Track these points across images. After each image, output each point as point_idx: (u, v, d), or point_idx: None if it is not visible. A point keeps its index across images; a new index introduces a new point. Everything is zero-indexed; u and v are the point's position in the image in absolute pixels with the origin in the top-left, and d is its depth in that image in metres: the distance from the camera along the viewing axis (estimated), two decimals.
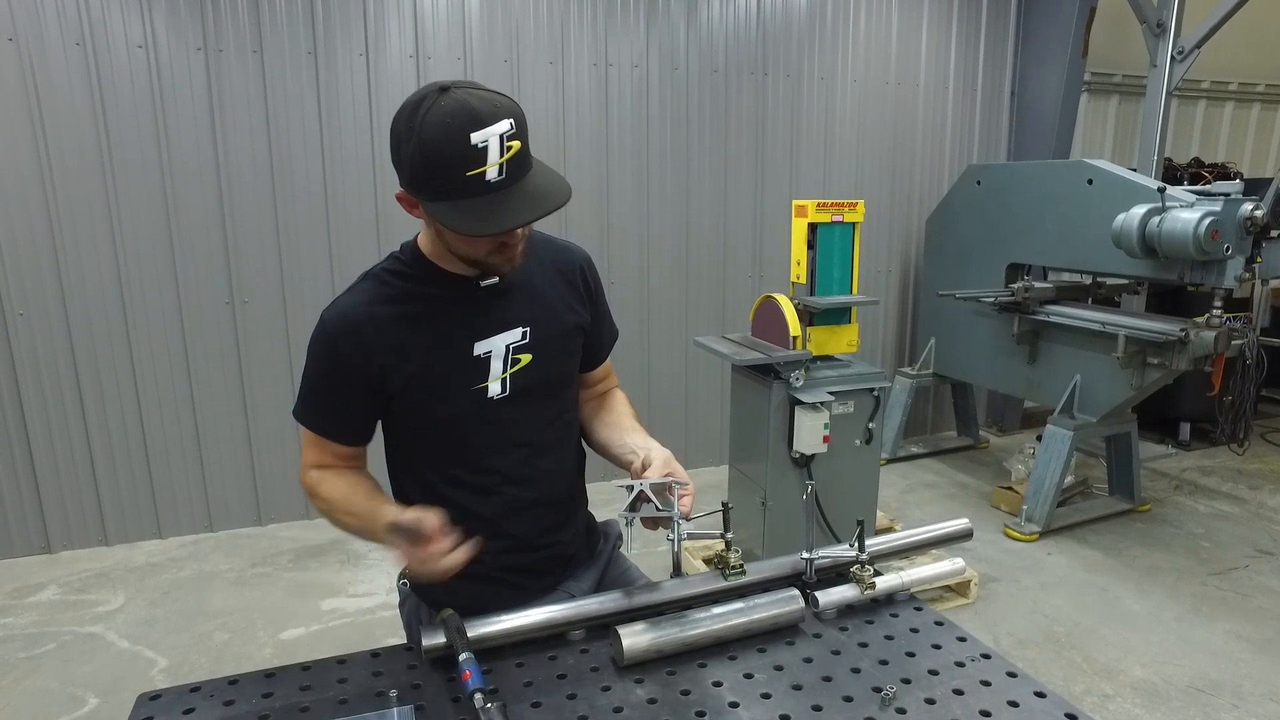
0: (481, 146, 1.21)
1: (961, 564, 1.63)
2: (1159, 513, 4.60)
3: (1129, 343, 3.86)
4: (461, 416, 1.48)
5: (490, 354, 1.47)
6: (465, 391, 1.46)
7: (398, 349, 1.42)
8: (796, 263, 3.43)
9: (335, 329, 1.42)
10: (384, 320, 1.41)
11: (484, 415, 1.49)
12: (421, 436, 1.51)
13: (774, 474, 3.30)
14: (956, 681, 1.31)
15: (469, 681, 1.22)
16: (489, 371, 1.48)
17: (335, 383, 1.45)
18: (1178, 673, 3.11)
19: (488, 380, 1.48)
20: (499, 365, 1.48)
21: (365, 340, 1.41)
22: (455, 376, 1.45)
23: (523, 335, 1.50)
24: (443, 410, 1.46)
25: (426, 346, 1.43)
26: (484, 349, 1.47)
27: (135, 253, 4.01)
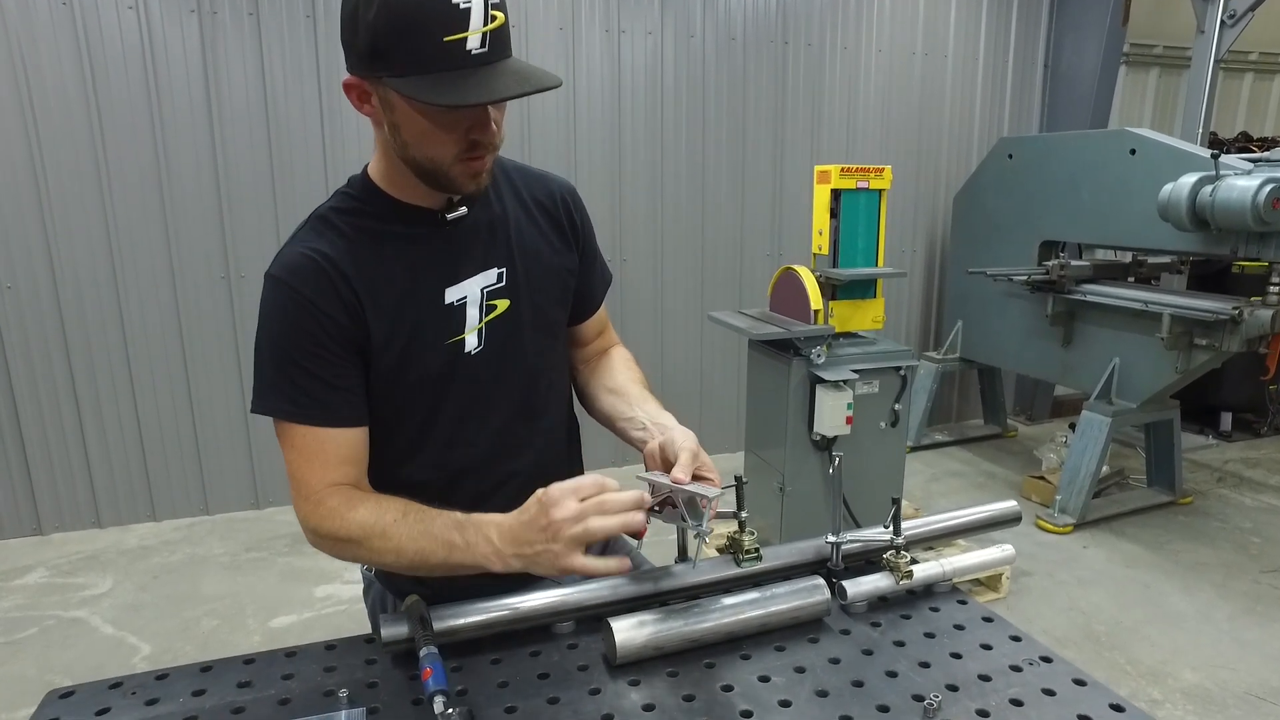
0: (464, 8, 1.01)
1: (1011, 550, 1.42)
2: (1202, 506, 4.33)
3: (1174, 323, 3.60)
4: (436, 377, 1.26)
5: (465, 301, 1.27)
6: (439, 347, 1.25)
7: (365, 297, 1.20)
8: (818, 232, 3.21)
9: (294, 280, 1.18)
10: (341, 265, 1.19)
11: (461, 374, 1.28)
12: (387, 405, 1.27)
13: (793, 458, 3.08)
14: (1013, 690, 1.09)
15: (429, 681, 1.02)
16: (465, 321, 1.27)
17: (312, 347, 1.17)
18: (1233, 678, 2.87)
19: (464, 332, 1.27)
20: (475, 313, 1.28)
21: (329, 287, 1.18)
22: (428, 329, 1.24)
23: (499, 277, 1.29)
24: (415, 371, 1.25)
25: (392, 295, 1.21)
26: (457, 295, 1.26)
27: (127, 224, 3.85)
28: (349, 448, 1.23)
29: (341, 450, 1.22)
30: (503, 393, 1.32)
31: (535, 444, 1.38)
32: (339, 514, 1.18)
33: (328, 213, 1.24)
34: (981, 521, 1.47)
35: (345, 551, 1.23)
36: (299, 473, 1.21)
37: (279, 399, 1.19)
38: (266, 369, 1.20)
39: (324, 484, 1.21)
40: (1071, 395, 5.88)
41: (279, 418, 1.20)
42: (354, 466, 1.24)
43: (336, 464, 1.21)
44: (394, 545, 1.15)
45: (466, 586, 1.32)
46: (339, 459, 1.22)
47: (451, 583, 1.34)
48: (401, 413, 1.27)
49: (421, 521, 1.15)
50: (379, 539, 1.16)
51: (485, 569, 1.13)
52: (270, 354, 1.19)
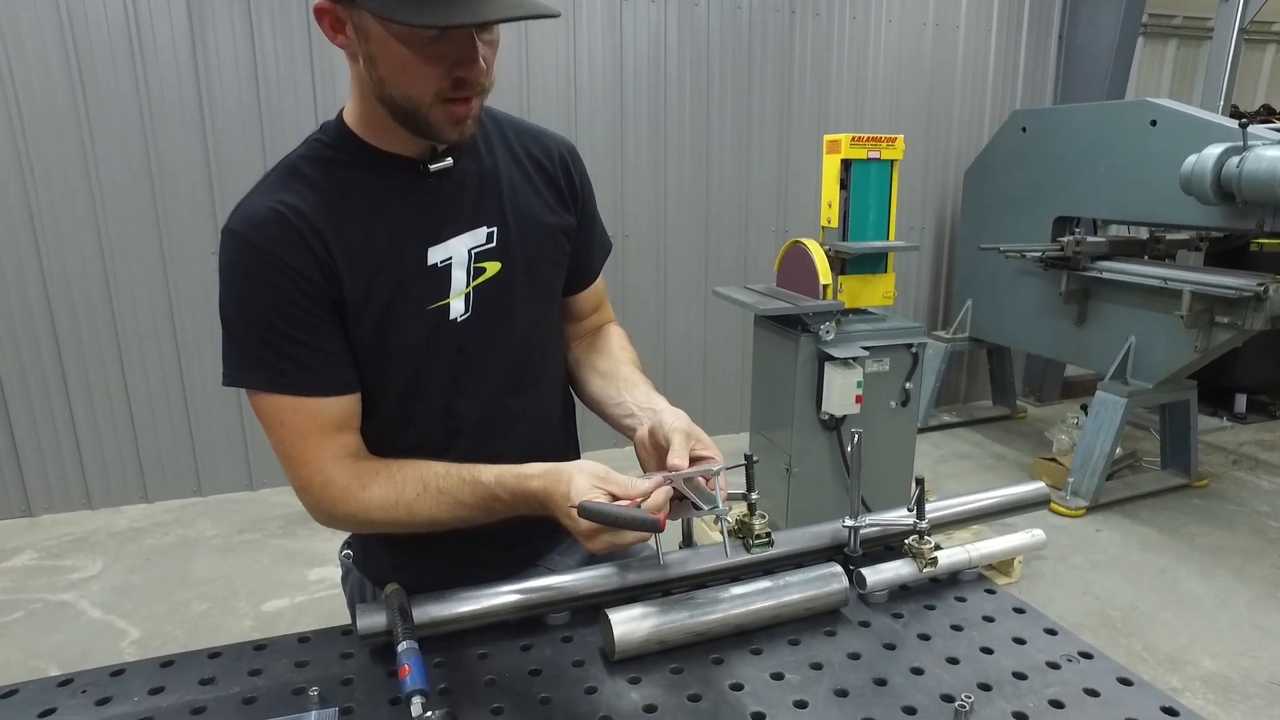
0: None
1: (1042, 535, 1.31)
2: (1217, 489, 4.23)
3: (1195, 300, 3.48)
4: (419, 346, 1.15)
5: (450, 262, 1.15)
6: (422, 312, 1.14)
7: (338, 254, 1.08)
8: (827, 204, 3.08)
9: (258, 236, 1.04)
10: (311, 219, 1.06)
11: (446, 343, 1.16)
12: (363, 377, 1.15)
13: (800, 438, 2.98)
14: (1052, 689, 0.99)
15: (406, 680, 0.92)
16: (450, 285, 1.16)
17: (290, 309, 1.04)
18: (1254, 666, 2.78)
19: (449, 297, 1.16)
20: (461, 276, 1.16)
21: (299, 242, 1.06)
22: (409, 293, 1.12)
23: (488, 237, 1.18)
24: (394, 339, 1.13)
25: (369, 253, 1.09)
26: (441, 256, 1.14)
27: (113, 193, 3.73)
28: (345, 415, 1.12)
29: (338, 419, 1.11)
30: (493, 364, 1.21)
31: (528, 420, 1.27)
32: (353, 495, 1.08)
33: (297, 161, 1.11)
34: (1008, 504, 1.36)
35: (367, 529, 1.16)
36: (296, 451, 1.09)
37: (260, 370, 1.07)
38: (240, 337, 1.07)
39: (328, 460, 1.09)
40: (1082, 376, 5.77)
41: (262, 390, 1.07)
42: (353, 434, 1.14)
43: (335, 435, 1.10)
44: (425, 519, 1.08)
45: (453, 574, 1.22)
46: (336, 428, 1.10)
47: (436, 570, 1.24)
48: (380, 386, 1.16)
49: (446, 493, 1.07)
50: (406, 517, 1.08)
51: None
52: (242, 320, 1.07)
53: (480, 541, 1.24)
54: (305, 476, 1.09)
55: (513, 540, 1.28)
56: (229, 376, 1.09)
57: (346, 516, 1.10)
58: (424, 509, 1.07)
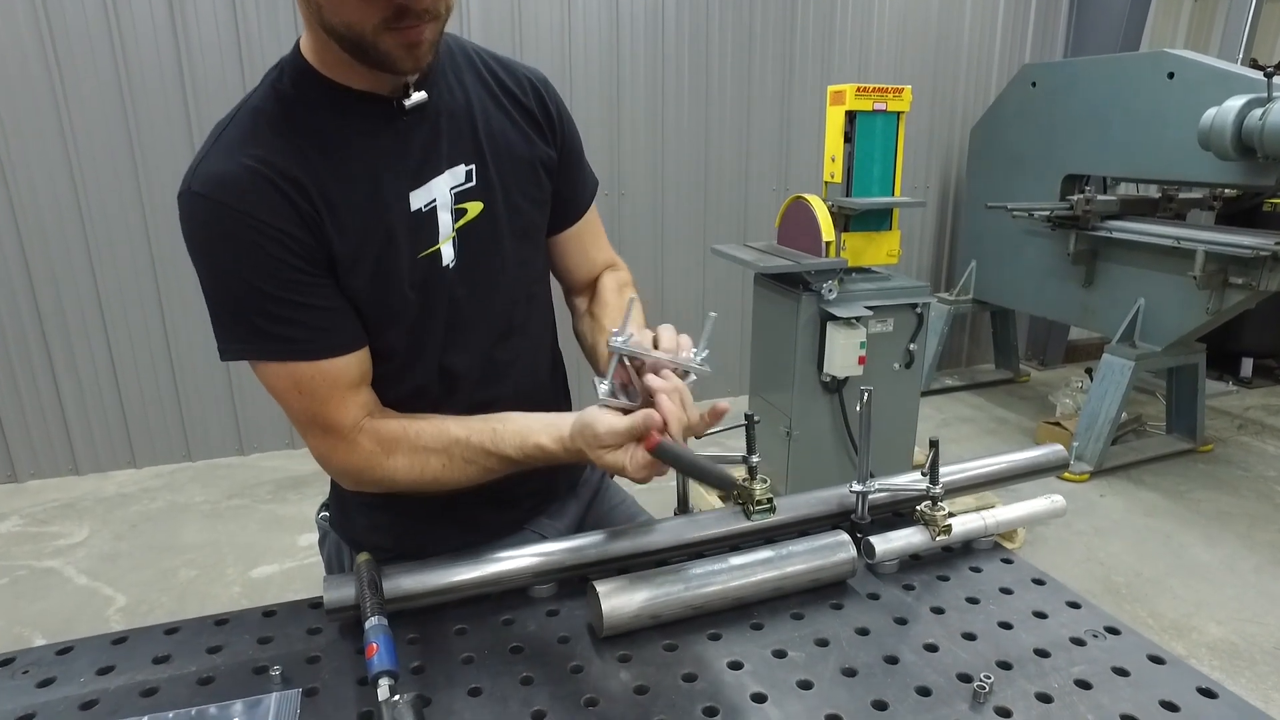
0: None
1: (1062, 502, 1.23)
2: (1222, 453, 4.17)
3: (1209, 260, 3.37)
4: (414, 299, 1.05)
5: (434, 205, 1.05)
6: (415, 262, 1.04)
7: (324, 210, 0.97)
8: (830, 158, 2.96)
9: (236, 199, 0.93)
10: (289, 171, 0.95)
11: (439, 293, 1.07)
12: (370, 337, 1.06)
13: (801, 401, 2.89)
14: (1078, 668, 0.91)
15: (373, 660, 0.84)
16: (438, 230, 1.06)
17: (287, 275, 0.95)
18: (1260, 632, 2.73)
19: (439, 242, 1.06)
20: (447, 219, 1.06)
21: (282, 202, 0.95)
22: (399, 242, 1.02)
23: (467, 175, 1.07)
24: (392, 295, 1.03)
25: (353, 204, 0.99)
26: (424, 199, 1.04)
27: (88, 148, 3.58)
28: (362, 371, 1.05)
29: (355, 376, 1.04)
30: (483, 311, 1.12)
31: (517, 367, 1.18)
32: (378, 464, 1.04)
33: (260, 106, 0.99)
34: (1027, 467, 1.28)
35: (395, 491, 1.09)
36: (320, 418, 1.02)
37: (264, 340, 0.97)
38: (234, 311, 0.97)
39: (350, 425, 1.03)
40: (1086, 339, 5.68)
41: (273, 359, 0.98)
42: (369, 389, 1.07)
43: (354, 394, 1.04)
44: (451, 483, 1.06)
45: (436, 537, 1.14)
46: (354, 386, 1.04)
47: (418, 533, 1.16)
48: (376, 344, 1.06)
49: (472, 463, 1.04)
50: (431, 484, 1.06)
51: None
52: (231, 293, 0.96)
53: (466, 503, 1.16)
54: (331, 443, 1.04)
55: (501, 502, 1.20)
56: (229, 350, 0.99)
57: (373, 484, 1.06)
58: (450, 478, 1.05)
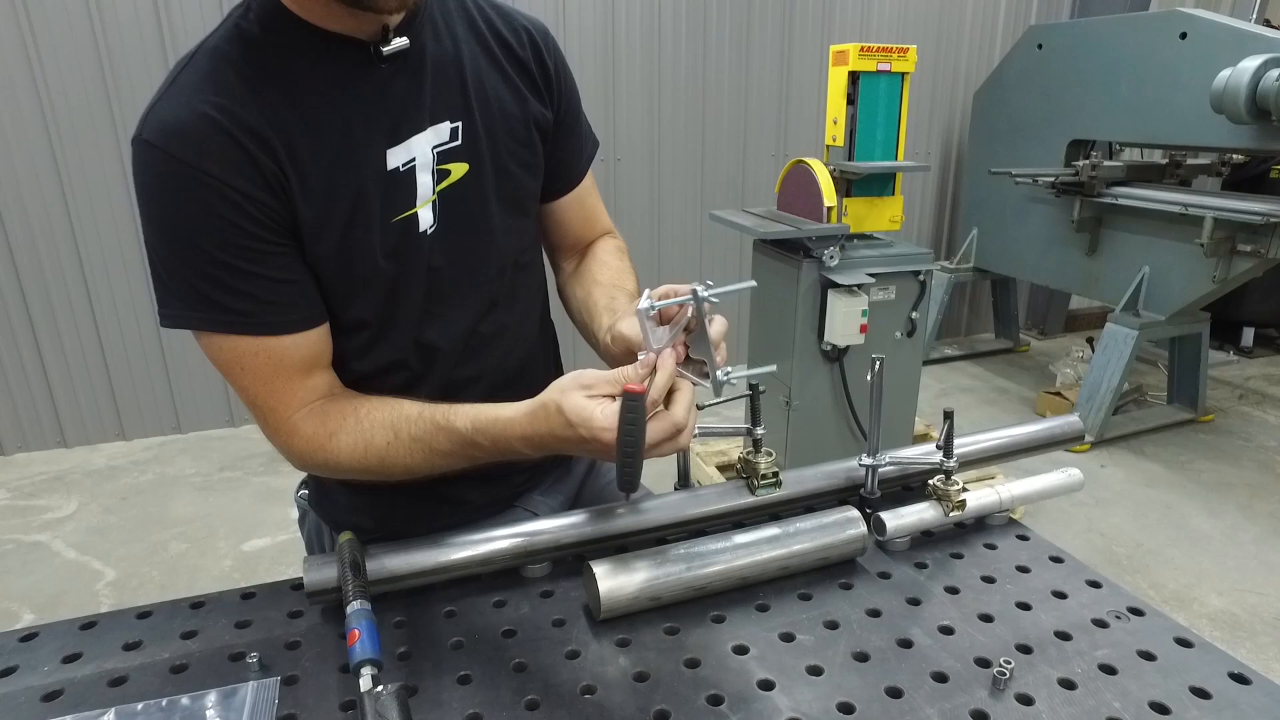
0: None
1: (1079, 475, 1.18)
2: (1223, 424, 4.13)
3: (1217, 227, 3.30)
4: (386, 266, 0.97)
5: (413, 165, 0.97)
6: (387, 226, 0.96)
7: (288, 166, 0.89)
8: (832, 121, 2.86)
9: (189, 152, 0.84)
10: (251, 123, 0.87)
11: (415, 260, 0.99)
12: (331, 302, 0.98)
13: (801, 371, 2.83)
14: (1101, 652, 0.87)
15: (355, 647, 0.79)
16: (416, 192, 0.98)
17: (238, 239, 0.87)
18: (1261, 602, 2.71)
19: (415, 205, 0.98)
20: (427, 181, 0.98)
21: (242, 158, 0.87)
22: (371, 204, 0.95)
23: (452, 134, 1.00)
24: (360, 261, 0.95)
25: (322, 160, 0.91)
26: (403, 158, 0.96)
27: (66, 111, 3.46)
28: (314, 352, 0.96)
29: (307, 357, 0.95)
30: (465, 282, 1.05)
31: (503, 341, 1.11)
32: (320, 445, 0.96)
33: (220, 47, 0.90)
34: (1043, 438, 1.23)
35: (345, 476, 1.02)
36: (262, 399, 0.94)
37: (208, 309, 0.89)
38: (179, 273, 0.89)
39: (296, 407, 0.95)
40: (1087, 309, 5.62)
41: (215, 331, 0.90)
42: (324, 372, 0.99)
43: (304, 377, 0.96)
44: (400, 467, 0.96)
45: (420, 516, 1.08)
46: (305, 369, 0.96)
47: (401, 512, 1.11)
48: (344, 315, 0.99)
49: (419, 440, 0.94)
50: (378, 466, 0.96)
51: None
52: (177, 254, 0.88)
53: (451, 480, 1.10)
54: (273, 425, 0.96)
55: (487, 478, 1.14)
56: (169, 317, 0.91)
57: (320, 465, 0.98)
58: (397, 458, 0.95)
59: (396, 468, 0.95)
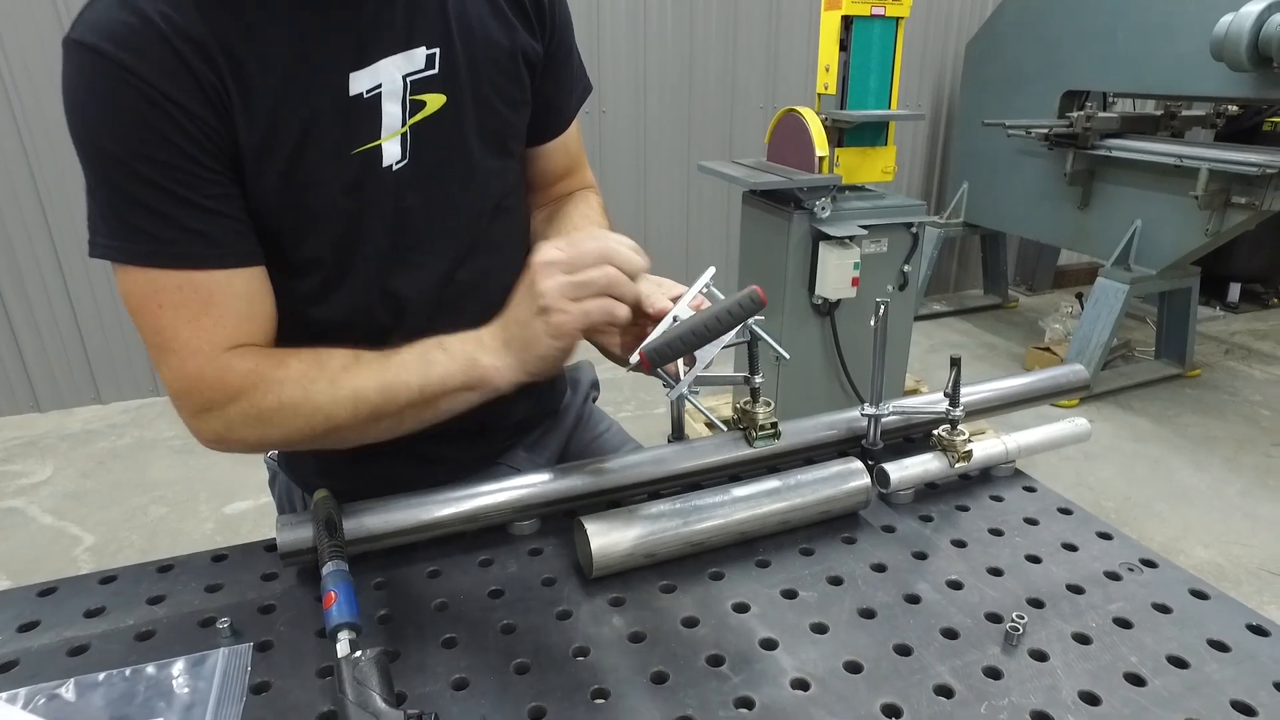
0: None
1: (1087, 425, 1.14)
2: (1210, 378, 4.14)
3: (1212, 178, 3.25)
4: (342, 201, 0.90)
5: (379, 92, 0.89)
6: (344, 157, 0.88)
7: (231, 80, 0.81)
8: (824, 68, 2.78)
9: (122, 53, 0.76)
10: (191, 30, 0.79)
11: (379, 198, 0.92)
12: (279, 238, 0.91)
13: (791, 324, 2.79)
14: (1115, 605, 0.83)
15: (331, 611, 0.73)
16: (381, 122, 0.90)
17: (168, 156, 0.79)
18: (1245, 554, 2.73)
19: (380, 137, 0.90)
20: (396, 111, 0.91)
21: (179, 66, 0.78)
22: (327, 131, 0.87)
23: (428, 61, 0.92)
24: (310, 192, 0.88)
25: (271, 78, 0.83)
26: (368, 83, 0.88)
27: (19, 61, 3.31)
28: (249, 297, 0.87)
29: (241, 296, 0.86)
30: (441, 224, 0.97)
31: (483, 290, 1.03)
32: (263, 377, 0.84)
33: None
34: (1047, 388, 1.19)
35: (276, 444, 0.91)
36: (180, 340, 0.83)
37: (131, 236, 0.81)
38: (102, 192, 0.81)
39: (225, 345, 0.84)
40: (1075, 264, 5.60)
41: (137, 264, 0.82)
42: (259, 324, 0.89)
43: (237, 318, 0.86)
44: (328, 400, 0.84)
45: (397, 477, 1.03)
46: (238, 313, 0.86)
47: (376, 472, 1.05)
48: (294, 254, 0.92)
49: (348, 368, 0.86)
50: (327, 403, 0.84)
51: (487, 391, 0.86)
52: (102, 169, 0.80)
53: (430, 436, 1.04)
54: (195, 370, 0.83)
55: (469, 434, 1.08)
56: (97, 246, 0.83)
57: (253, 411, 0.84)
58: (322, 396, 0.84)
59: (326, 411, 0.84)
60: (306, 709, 0.71)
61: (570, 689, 0.72)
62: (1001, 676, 0.73)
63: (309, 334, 0.93)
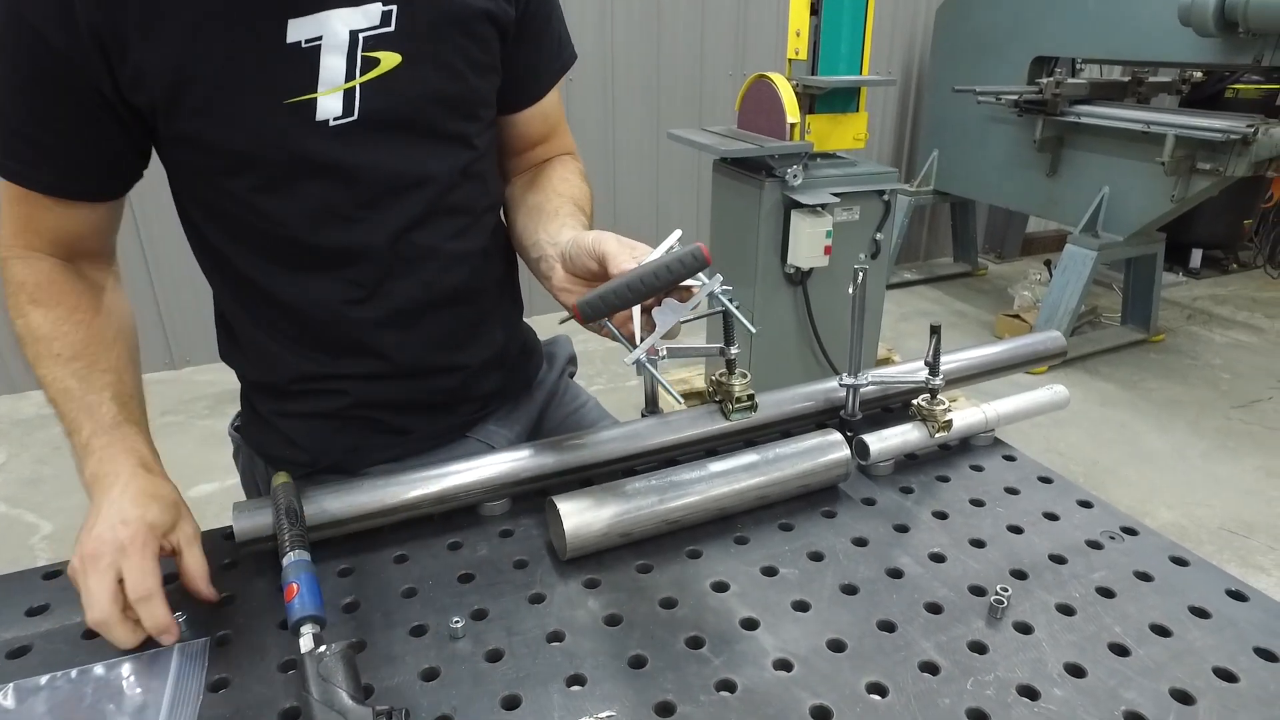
0: None
1: (1065, 392, 1.13)
2: (1173, 343, 4.21)
3: (1178, 145, 3.27)
4: (269, 153, 0.85)
5: (320, 44, 0.83)
6: (274, 108, 0.83)
7: (140, 24, 0.76)
8: (795, 33, 2.72)
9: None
10: None
11: (312, 151, 0.86)
12: (213, 192, 0.88)
13: (764, 294, 2.76)
14: (1098, 574, 0.82)
15: (293, 603, 0.70)
16: (318, 74, 0.84)
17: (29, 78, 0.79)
18: (1207, 514, 2.79)
19: (316, 90, 0.84)
20: (338, 65, 0.85)
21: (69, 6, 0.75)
22: (253, 78, 0.81)
23: (383, 18, 0.86)
24: (238, 135, 0.83)
25: (184, 15, 0.78)
26: (307, 33, 0.82)
27: None
28: (57, 228, 0.90)
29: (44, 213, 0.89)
30: (388, 185, 0.91)
31: (442, 257, 0.97)
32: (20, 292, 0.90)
33: None
34: (1025, 355, 1.18)
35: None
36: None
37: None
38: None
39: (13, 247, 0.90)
40: (1043, 232, 5.64)
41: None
42: (62, 243, 0.92)
43: (46, 237, 0.91)
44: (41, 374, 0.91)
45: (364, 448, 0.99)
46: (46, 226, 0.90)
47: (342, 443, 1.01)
48: (213, 215, 0.88)
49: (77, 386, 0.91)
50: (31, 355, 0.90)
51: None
52: None
53: (396, 407, 1.00)
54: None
55: (437, 406, 1.04)
56: None
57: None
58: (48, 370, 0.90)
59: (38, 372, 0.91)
60: (268, 706, 0.67)
61: (545, 676, 0.69)
62: (987, 651, 0.71)
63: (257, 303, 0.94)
